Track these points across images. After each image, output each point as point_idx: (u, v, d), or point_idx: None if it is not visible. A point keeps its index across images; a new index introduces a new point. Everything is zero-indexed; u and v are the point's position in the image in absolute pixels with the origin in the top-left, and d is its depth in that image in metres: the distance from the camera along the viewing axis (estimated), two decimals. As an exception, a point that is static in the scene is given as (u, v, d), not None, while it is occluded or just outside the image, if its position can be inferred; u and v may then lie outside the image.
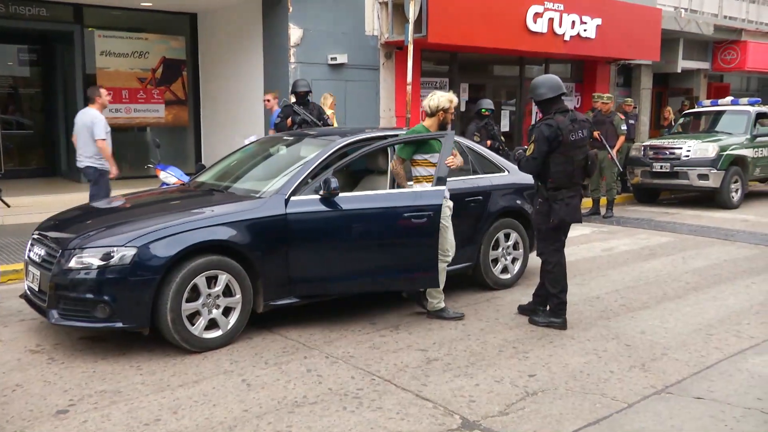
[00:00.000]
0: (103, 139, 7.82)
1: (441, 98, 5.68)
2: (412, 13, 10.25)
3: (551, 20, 12.72)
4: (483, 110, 10.15)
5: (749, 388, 4.35)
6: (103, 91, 8.18)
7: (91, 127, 7.84)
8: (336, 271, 5.47)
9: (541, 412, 3.97)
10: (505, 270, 6.73)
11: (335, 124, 10.28)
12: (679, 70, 17.27)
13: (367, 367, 4.64)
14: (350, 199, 5.47)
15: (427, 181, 5.63)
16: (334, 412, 3.94)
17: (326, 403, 4.07)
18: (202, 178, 6.47)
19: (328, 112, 10.40)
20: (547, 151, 5.30)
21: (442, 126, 5.72)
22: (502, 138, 10.56)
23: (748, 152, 12.65)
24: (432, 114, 5.71)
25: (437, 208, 5.41)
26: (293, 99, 9.26)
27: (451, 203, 5.73)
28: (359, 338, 5.24)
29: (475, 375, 4.53)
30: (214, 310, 4.91)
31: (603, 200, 11.70)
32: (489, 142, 9.70)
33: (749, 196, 13.40)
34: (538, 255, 5.73)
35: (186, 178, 7.77)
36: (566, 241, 5.69)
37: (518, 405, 4.07)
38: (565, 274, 5.55)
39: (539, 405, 4.07)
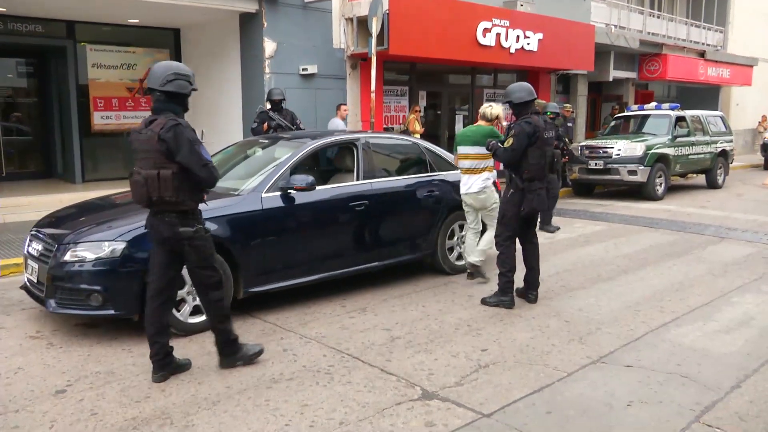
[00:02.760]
0: None
1: (497, 109, 6.24)
2: (374, 29, 10.20)
3: (498, 35, 12.77)
4: (548, 113, 9.48)
5: (671, 356, 4.45)
6: (343, 107, 10.54)
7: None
8: (305, 257, 5.48)
9: (492, 382, 4.01)
10: (459, 257, 6.76)
11: (417, 129, 11.58)
12: (610, 79, 17.51)
13: (338, 346, 4.63)
14: (315, 194, 5.47)
15: (468, 173, 6.17)
16: (308, 387, 3.93)
17: (301, 379, 4.04)
18: (187, 178, 6.36)
19: (412, 116, 11.67)
20: (526, 146, 5.38)
21: None
22: (566, 139, 9.92)
23: (670, 151, 12.89)
24: (490, 120, 6.18)
25: (372, 197, 5.87)
26: (268, 106, 9.16)
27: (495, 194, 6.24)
28: (330, 320, 5.22)
29: (434, 351, 4.54)
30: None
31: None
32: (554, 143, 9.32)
33: (671, 189, 13.66)
34: (495, 237, 5.74)
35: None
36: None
37: (472, 376, 4.10)
38: (515, 256, 5.60)
39: (491, 376, 4.11)
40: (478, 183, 6.13)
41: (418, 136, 12.16)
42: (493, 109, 6.22)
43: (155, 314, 4.02)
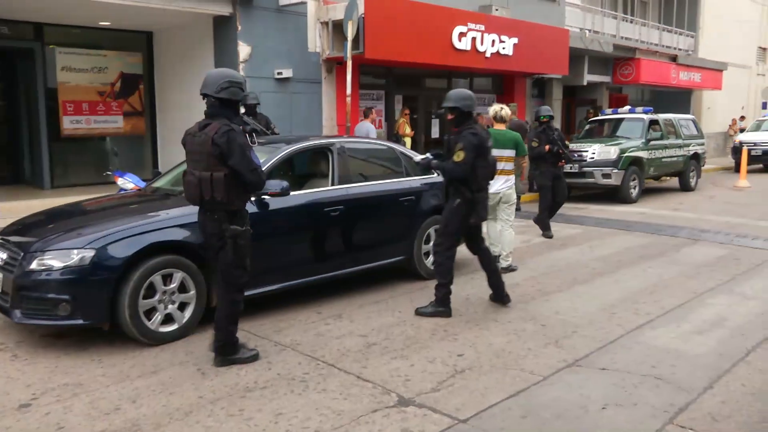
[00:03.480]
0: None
1: (507, 110, 7.10)
2: (350, 32, 10.19)
3: (474, 39, 12.85)
4: (542, 117, 9.25)
5: (645, 358, 4.49)
6: (373, 110, 11.33)
7: (367, 133, 10.18)
8: (280, 263, 5.43)
9: (468, 387, 4.00)
10: (436, 261, 6.75)
11: (407, 132, 12.34)
12: (584, 83, 17.69)
13: (313, 353, 4.59)
14: (289, 199, 5.38)
15: (502, 174, 6.86)
16: (283, 395, 3.88)
17: (275, 387, 4.00)
18: (158, 183, 6.29)
19: (402, 119, 12.42)
20: (474, 157, 5.27)
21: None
22: (566, 142, 9.66)
23: (643, 154, 13.05)
24: (505, 121, 7.00)
25: (347, 202, 5.89)
26: (242, 110, 9.06)
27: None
28: (305, 327, 5.18)
29: (410, 356, 4.53)
30: (170, 306, 4.78)
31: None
32: (548, 147, 8.98)
33: (645, 192, 13.83)
34: (434, 247, 5.65)
35: (143, 184, 7.53)
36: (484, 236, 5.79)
37: (448, 382, 4.09)
38: (453, 267, 5.53)
39: (467, 381, 4.10)
40: (510, 181, 7.02)
41: (408, 139, 12.28)
42: (504, 110, 6.90)
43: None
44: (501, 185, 6.91)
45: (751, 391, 3.97)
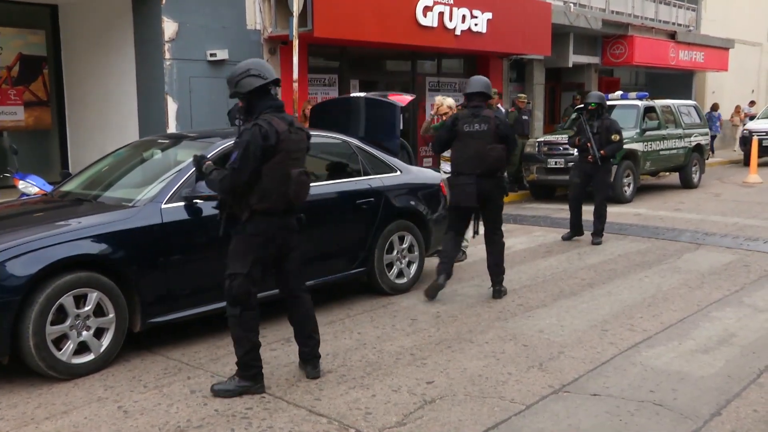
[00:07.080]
0: None
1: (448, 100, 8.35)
2: (296, 6, 10.20)
3: (441, 14, 12.99)
4: (591, 105, 9.59)
5: (642, 382, 4.61)
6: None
7: None
8: (216, 279, 5.39)
9: (439, 420, 4.05)
10: (400, 274, 6.81)
11: None
12: (570, 65, 18.00)
13: (257, 385, 4.59)
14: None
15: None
16: (221, 435, 3.88)
17: (212, 426, 3.99)
18: (68, 186, 6.21)
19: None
20: (447, 139, 6.55)
21: None
22: (613, 136, 9.53)
23: (638, 146, 13.35)
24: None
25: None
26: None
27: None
28: (248, 354, 5.17)
29: (372, 386, 4.57)
30: (84, 332, 4.73)
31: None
32: (578, 140, 9.57)
33: (641, 190, 14.15)
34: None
35: (49, 188, 7.43)
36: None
37: (416, 414, 4.14)
38: (448, 244, 6.63)
39: (438, 412, 4.16)
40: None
41: None
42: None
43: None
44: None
45: (765, 418, 4.10)
